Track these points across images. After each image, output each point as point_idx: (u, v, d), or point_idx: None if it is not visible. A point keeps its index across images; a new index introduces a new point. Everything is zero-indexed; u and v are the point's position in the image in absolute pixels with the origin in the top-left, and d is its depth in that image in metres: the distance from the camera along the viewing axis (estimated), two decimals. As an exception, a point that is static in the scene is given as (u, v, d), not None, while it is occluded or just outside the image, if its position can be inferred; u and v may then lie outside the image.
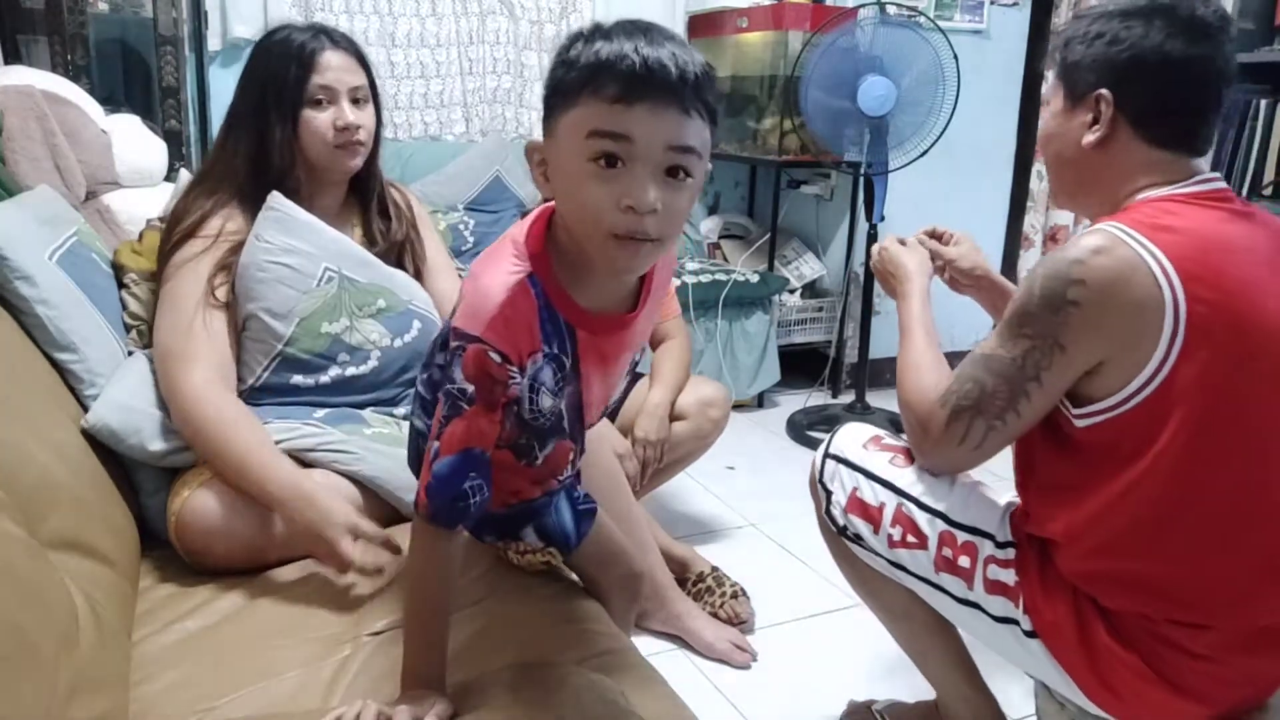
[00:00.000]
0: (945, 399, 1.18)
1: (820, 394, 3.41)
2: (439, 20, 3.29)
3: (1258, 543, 1.08)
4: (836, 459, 1.36)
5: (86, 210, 2.01)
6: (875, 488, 1.30)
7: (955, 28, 3.38)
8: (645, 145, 0.82)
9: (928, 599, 1.30)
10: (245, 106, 1.44)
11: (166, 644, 1.12)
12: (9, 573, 0.83)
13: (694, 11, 3.62)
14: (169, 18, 2.57)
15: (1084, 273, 1.03)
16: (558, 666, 1.00)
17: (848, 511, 1.32)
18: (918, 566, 1.27)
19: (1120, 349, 1.04)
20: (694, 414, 2.05)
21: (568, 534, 1.19)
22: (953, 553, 1.23)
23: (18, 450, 1.03)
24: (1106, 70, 1.11)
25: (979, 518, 1.24)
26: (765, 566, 2.17)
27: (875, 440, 1.36)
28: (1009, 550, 1.21)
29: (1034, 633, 1.17)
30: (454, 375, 0.88)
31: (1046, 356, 1.07)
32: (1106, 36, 1.11)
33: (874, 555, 1.31)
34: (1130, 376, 1.04)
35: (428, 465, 0.91)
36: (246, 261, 1.39)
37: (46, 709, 0.79)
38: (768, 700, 1.70)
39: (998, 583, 1.20)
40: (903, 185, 2.98)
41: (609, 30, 0.84)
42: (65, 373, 1.32)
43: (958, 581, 1.23)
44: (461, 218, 3.11)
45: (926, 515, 1.26)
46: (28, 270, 1.27)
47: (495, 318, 0.88)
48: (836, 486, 1.34)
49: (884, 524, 1.28)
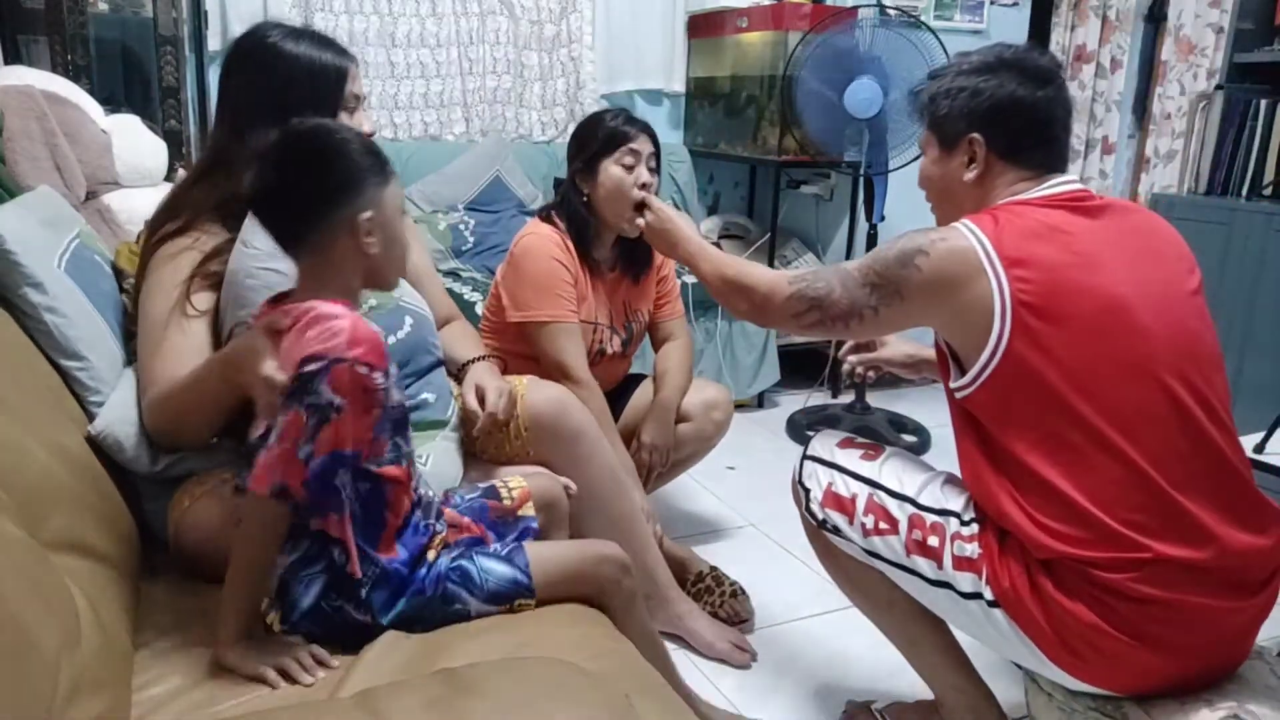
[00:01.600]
0: (795, 281, 1.37)
1: (820, 394, 3.41)
2: (439, 20, 3.29)
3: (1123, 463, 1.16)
4: (814, 459, 1.47)
5: (86, 210, 2.01)
6: (848, 480, 1.41)
7: (955, 28, 3.39)
8: None
9: (903, 584, 1.36)
10: (262, 99, 1.38)
11: (168, 645, 1.12)
12: (10, 573, 0.83)
13: (694, 11, 3.62)
14: (169, 18, 2.57)
15: (930, 247, 1.24)
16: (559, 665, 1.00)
17: (824, 506, 1.42)
18: (891, 552, 1.34)
19: (953, 323, 1.25)
20: (698, 416, 2.06)
21: (516, 579, 1.18)
22: (922, 534, 1.31)
23: (19, 452, 1.03)
24: (974, 118, 1.32)
25: (944, 499, 1.33)
26: (765, 566, 2.17)
27: (847, 441, 1.48)
28: (973, 525, 1.28)
29: (995, 601, 1.23)
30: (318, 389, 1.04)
31: (886, 296, 1.28)
32: (968, 90, 1.31)
33: (851, 544, 1.39)
34: (975, 352, 1.22)
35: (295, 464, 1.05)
36: (234, 268, 1.34)
37: (47, 709, 0.79)
38: (767, 700, 1.70)
39: (964, 558, 1.27)
40: (903, 185, 2.98)
41: None
42: (71, 380, 1.31)
43: (929, 563, 1.30)
44: (462, 218, 3.11)
45: (896, 501, 1.35)
46: (38, 277, 1.27)
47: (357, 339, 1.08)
48: (813, 484, 1.44)
49: (858, 513, 1.38)
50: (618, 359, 2.09)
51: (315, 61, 1.40)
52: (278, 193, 1.13)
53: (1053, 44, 3.54)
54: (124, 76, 2.77)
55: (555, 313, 1.87)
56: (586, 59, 3.52)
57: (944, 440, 3.00)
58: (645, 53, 3.61)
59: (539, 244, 1.92)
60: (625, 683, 1.01)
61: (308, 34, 1.44)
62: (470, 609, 1.17)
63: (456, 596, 1.16)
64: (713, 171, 3.89)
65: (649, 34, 3.59)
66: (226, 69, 1.43)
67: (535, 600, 1.19)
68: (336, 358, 1.04)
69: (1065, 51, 3.57)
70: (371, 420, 1.09)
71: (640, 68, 3.62)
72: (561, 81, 3.51)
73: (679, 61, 3.69)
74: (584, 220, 1.94)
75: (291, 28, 1.44)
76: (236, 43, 1.44)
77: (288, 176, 1.13)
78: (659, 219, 1.74)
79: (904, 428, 3.10)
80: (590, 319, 1.98)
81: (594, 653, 1.10)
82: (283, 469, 1.04)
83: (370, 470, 1.12)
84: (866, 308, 1.30)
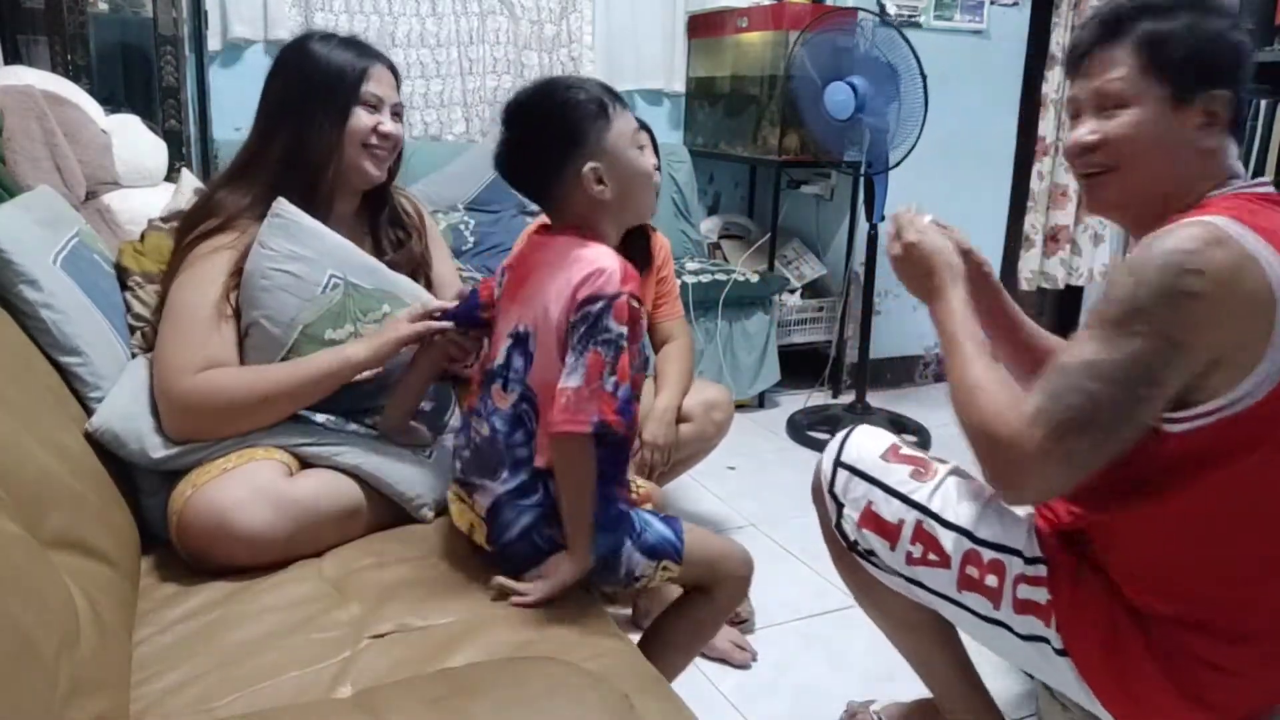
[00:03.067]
0: (1038, 418, 1.02)
1: (821, 394, 3.41)
2: (439, 20, 3.29)
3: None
4: (849, 469, 1.29)
5: (86, 210, 2.01)
6: (892, 502, 1.24)
7: (955, 28, 3.39)
8: None
9: (947, 615, 1.26)
10: (288, 100, 1.45)
11: (167, 644, 1.12)
12: (9, 572, 0.83)
13: (694, 11, 3.63)
14: (169, 18, 2.57)
15: (1201, 263, 0.95)
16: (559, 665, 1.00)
17: (861, 526, 1.26)
18: (938, 584, 1.22)
19: (1233, 347, 0.98)
20: (698, 416, 2.06)
21: (671, 541, 1.23)
22: (979, 572, 1.18)
23: (18, 450, 1.03)
24: (1221, 70, 1.07)
25: (1004, 534, 1.19)
26: (765, 566, 2.15)
27: (894, 450, 1.29)
28: (1039, 567, 1.17)
29: (1064, 651, 1.15)
30: (609, 325, 1.12)
31: (1162, 355, 0.97)
32: (1212, 33, 1.06)
33: (887, 571, 1.27)
34: (1238, 378, 0.98)
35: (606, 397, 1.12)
36: (250, 269, 1.39)
37: (46, 709, 0.79)
38: (768, 700, 1.70)
39: (1028, 601, 1.16)
40: (903, 185, 2.99)
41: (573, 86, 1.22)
42: (70, 376, 1.31)
43: (982, 600, 1.19)
44: (462, 218, 3.11)
45: (951, 534, 1.20)
46: (32, 274, 1.27)
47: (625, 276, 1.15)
48: (849, 500, 1.28)
49: (902, 540, 1.23)
50: None
51: (334, 62, 1.44)
52: (508, 156, 1.23)
53: (1053, 44, 3.54)
54: (124, 76, 2.77)
55: None
56: (586, 59, 3.52)
57: (944, 440, 3.00)
58: (645, 53, 3.61)
59: None
60: (625, 683, 1.00)
61: (341, 38, 1.48)
62: (625, 555, 1.21)
63: (619, 533, 1.21)
64: (713, 171, 3.89)
65: (649, 34, 3.59)
66: (267, 76, 1.49)
67: (680, 569, 1.24)
68: (615, 293, 1.13)
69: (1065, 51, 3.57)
70: (638, 349, 1.19)
71: (640, 68, 3.62)
72: (561, 81, 3.51)
73: (679, 61, 3.69)
74: None
75: (329, 33, 1.50)
76: (279, 51, 1.51)
77: (513, 139, 1.23)
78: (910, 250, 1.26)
79: (904, 427, 3.09)
80: None
81: (594, 653, 1.10)
82: (596, 404, 1.11)
83: None
84: (1143, 386, 0.98)
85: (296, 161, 1.44)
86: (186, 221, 1.45)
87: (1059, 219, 3.66)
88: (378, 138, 1.47)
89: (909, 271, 1.27)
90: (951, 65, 3.37)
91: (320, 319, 1.41)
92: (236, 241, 1.41)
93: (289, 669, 1.06)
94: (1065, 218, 3.66)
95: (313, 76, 1.44)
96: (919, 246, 1.25)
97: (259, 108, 1.48)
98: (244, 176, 1.46)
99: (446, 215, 3.11)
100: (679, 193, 3.54)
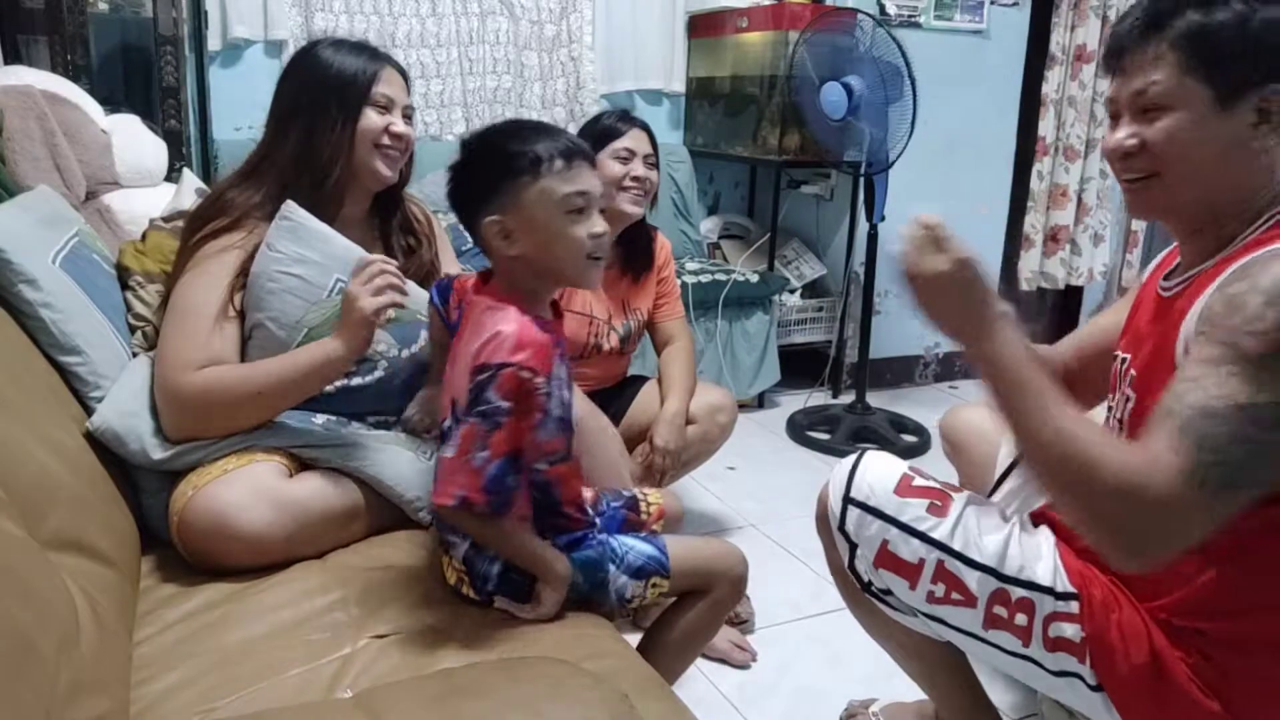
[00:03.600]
0: (1196, 473, 0.89)
1: (820, 394, 3.41)
2: (439, 20, 3.28)
3: None
4: (861, 506, 1.19)
5: (86, 210, 2.01)
6: (911, 541, 1.16)
7: (955, 28, 3.39)
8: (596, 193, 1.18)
9: (971, 651, 1.21)
10: (299, 102, 1.45)
11: (167, 644, 1.12)
12: (8, 573, 0.83)
13: (694, 11, 3.62)
14: (169, 18, 2.57)
15: None
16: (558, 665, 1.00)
17: (877, 567, 1.19)
18: (962, 622, 1.16)
19: None
20: (703, 419, 2.07)
21: (656, 558, 1.25)
22: (1007, 611, 1.12)
23: (17, 450, 1.03)
24: (1276, 64, 0.97)
25: (1032, 569, 1.13)
26: (765, 566, 2.17)
27: (906, 483, 1.19)
28: (1071, 603, 1.11)
29: (1099, 686, 1.10)
30: (488, 397, 1.08)
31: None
32: (1263, 23, 0.96)
33: (906, 612, 1.21)
34: None
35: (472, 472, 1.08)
36: (257, 271, 1.39)
37: (46, 709, 0.79)
38: (767, 700, 1.70)
39: (1060, 639, 1.11)
40: (903, 185, 2.99)
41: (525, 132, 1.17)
42: (69, 375, 1.31)
43: (1011, 639, 1.14)
44: (462, 218, 3.11)
45: (976, 573, 1.13)
46: (31, 273, 1.27)
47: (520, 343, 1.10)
48: (862, 539, 1.20)
49: (923, 580, 1.15)
50: (615, 356, 2.10)
51: (345, 64, 1.45)
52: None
53: (1053, 44, 3.54)
54: (124, 76, 2.77)
55: None
56: (586, 59, 3.52)
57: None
58: (645, 53, 3.61)
59: None
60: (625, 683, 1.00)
61: (352, 43, 1.49)
62: (610, 581, 1.21)
63: (600, 565, 1.21)
64: (713, 171, 3.89)
65: (649, 34, 3.59)
66: (279, 79, 1.50)
67: (669, 582, 1.25)
68: (501, 363, 1.08)
69: (1065, 51, 3.57)
70: (532, 422, 1.13)
71: (640, 68, 3.62)
72: (561, 81, 3.51)
73: (679, 61, 3.69)
74: None
75: (341, 39, 1.51)
76: (292, 55, 1.54)
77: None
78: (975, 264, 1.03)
79: (904, 428, 3.09)
80: (585, 312, 2.00)
81: (594, 653, 1.10)
82: (462, 478, 1.08)
83: (541, 469, 1.18)
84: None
85: (307, 162, 1.44)
86: (194, 220, 1.45)
87: (1059, 219, 3.66)
88: (390, 138, 1.48)
89: (954, 295, 1.03)
90: (951, 65, 3.37)
91: (325, 322, 1.41)
92: (244, 241, 1.41)
93: (289, 669, 1.07)
94: (1065, 218, 3.66)
95: (324, 78, 1.45)
96: (973, 265, 1.02)
97: (270, 110, 1.49)
98: (254, 176, 1.47)
99: (446, 215, 3.10)
100: (679, 193, 3.54)
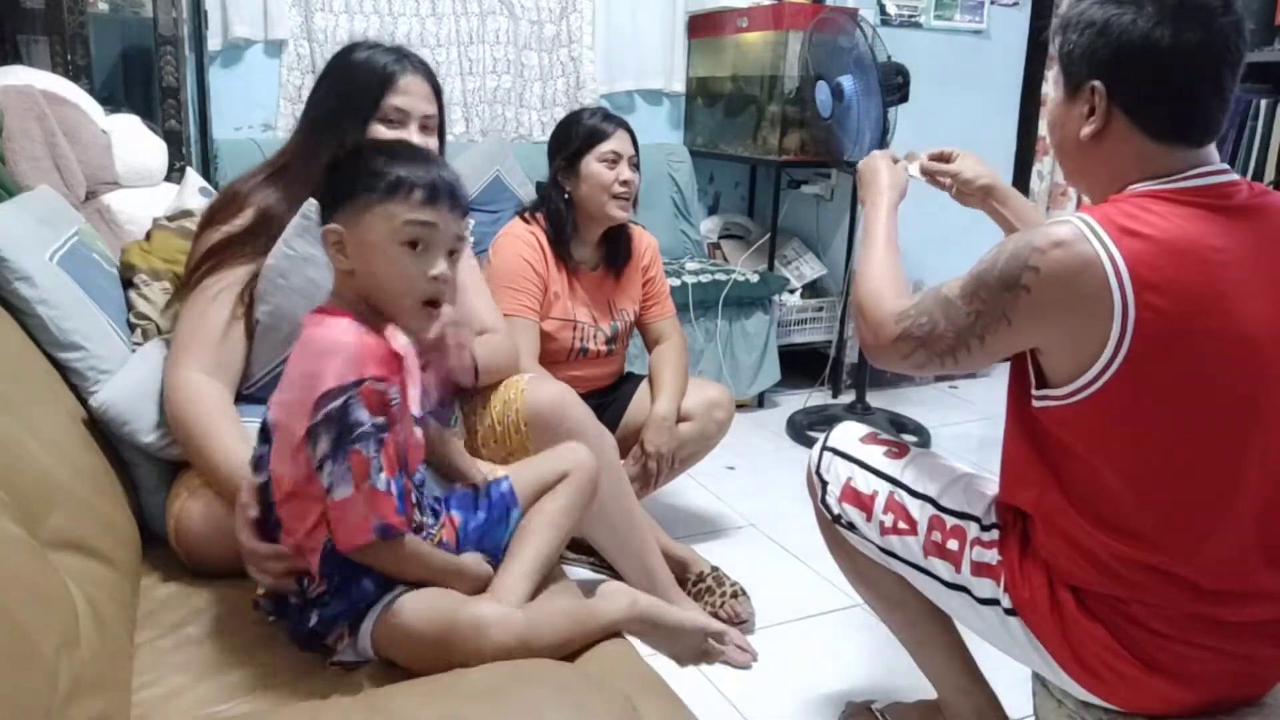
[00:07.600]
0: (901, 318, 1.22)
1: (820, 394, 3.41)
2: (439, 20, 3.28)
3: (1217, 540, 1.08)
4: (834, 451, 1.42)
5: (86, 210, 2.01)
6: (869, 477, 1.36)
7: (955, 28, 3.39)
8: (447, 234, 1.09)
9: (918, 585, 1.33)
10: (322, 114, 1.46)
11: (168, 647, 1.12)
12: (9, 573, 0.83)
13: (694, 11, 3.62)
14: (169, 18, 2.56)
15: (1040, 261, 1.05)
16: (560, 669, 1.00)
17: (842, 500, 1.38)
18: (908, 552, 1.31)
19: (1061, 342, 1.08)
20: (699, 415, 2.06)
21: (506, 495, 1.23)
22: (941, 536, 1.28)
23: (18, 450, 1.03)
24: (1097, 61, 1.09)
25: (967, 503, 1.29)
26: (765, 566, 2.17)
27: (871, 435, 1.43)
28: (993, 531, 1.25)
29: (1013, 609, 1.20)
30: (359, 419, 1.00)
31: (993, 324, 1.11)
32: (1097, 25, 1.09)
33: (866, 542, 1.36)
34: (1076, 372, 1.06)
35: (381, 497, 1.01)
36: (271, 264, 1.39)
37: (46, 709, 0.79)
38: (768, 700, 1.70)
39: (982, 564, 1.24)
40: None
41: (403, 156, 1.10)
42: (69, 372, 1.31)
43: (946, 565, 1.27)
44: (461, 217, 3.11)
45: (917, 501, 1.31)
46: (28, 271, 1.27)
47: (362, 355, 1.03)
48: (832, 477, 1.40)
49: (876, 511, 1.34)
50: (604, 357, 2.10)
51: (359, 76, 1.44)
52: None
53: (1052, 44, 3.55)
54: (124, 76, 2.77)
55: (510, 307, 1.90)
56: (586, 59, 3.52)
57: (944, 440, 3.01)
58: (645, 53, 3.61)
59: (507, 241, 1.99)
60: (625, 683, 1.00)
61: (384, 47, 1.48)
62: None
63: None
64: (713, 171, 3.89)
65: (649, 34, 3.59)
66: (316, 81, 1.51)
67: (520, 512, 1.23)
68: (356, 380, 1.01)
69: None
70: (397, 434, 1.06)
71: (640, 68, 3.62)
72: (561, 81, 3.51)
73: (679, 61, 3.69)
74: (564, 218, 1.98)
75: (377, 42, 1.50)
76: None
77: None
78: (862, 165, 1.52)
79: (904, 427, 3.10)
80: (567, 317, 2.00)
81: (593, 654, 1.10)
82: (373, 507, 1.01)
83: None
84: (973, 338, 1.13)
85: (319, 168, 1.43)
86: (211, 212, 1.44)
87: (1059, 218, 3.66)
88: None
89: (864, 174, 1.49)
90: (951, 65, 3.37)
91: None
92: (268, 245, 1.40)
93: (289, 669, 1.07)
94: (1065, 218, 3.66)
95: (342, 88, 1.45)
96: (866, 163, 1.50)
97: (303, 112, 1.51)
98: (284, 175, 1.45)
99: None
100: (679, 193, 3.54)
